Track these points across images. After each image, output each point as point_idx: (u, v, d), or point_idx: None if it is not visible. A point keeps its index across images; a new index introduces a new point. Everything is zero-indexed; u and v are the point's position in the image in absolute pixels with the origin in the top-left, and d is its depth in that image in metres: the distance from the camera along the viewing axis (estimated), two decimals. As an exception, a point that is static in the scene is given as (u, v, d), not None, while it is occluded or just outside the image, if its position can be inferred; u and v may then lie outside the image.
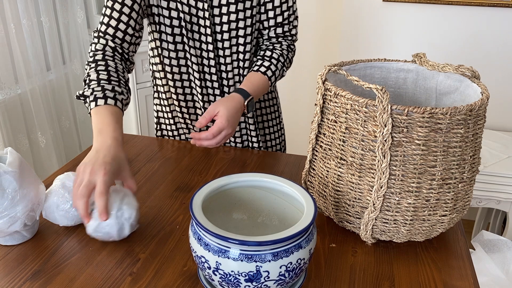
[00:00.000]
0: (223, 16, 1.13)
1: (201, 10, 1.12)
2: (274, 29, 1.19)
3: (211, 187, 0.80)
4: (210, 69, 1.19)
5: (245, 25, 1.16)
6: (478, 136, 0.84)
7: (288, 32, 1.21)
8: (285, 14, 1.18)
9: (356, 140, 0.83)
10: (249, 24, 1.16)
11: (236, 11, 1.13)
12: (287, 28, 1.20)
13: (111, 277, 0.80)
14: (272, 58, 1.17)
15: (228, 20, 1.14)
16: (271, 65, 1.16)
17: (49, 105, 2.35)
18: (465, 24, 2.19)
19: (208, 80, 1.21)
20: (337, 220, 0.93)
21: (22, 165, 0.84)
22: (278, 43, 1.20)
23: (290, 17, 1.19)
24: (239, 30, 1.16)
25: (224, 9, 1.12)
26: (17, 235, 0.88)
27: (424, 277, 0.82)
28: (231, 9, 1.13)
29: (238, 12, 1.13)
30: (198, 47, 1.17)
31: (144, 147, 1.28)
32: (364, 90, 1.00)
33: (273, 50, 1.18)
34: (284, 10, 1.17)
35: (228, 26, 1.14)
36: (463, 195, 0.85)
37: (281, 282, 0.71)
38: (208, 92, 1.23)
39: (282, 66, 1.19)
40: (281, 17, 1.18)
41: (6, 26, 2.06)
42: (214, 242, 0.69)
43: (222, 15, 1.13)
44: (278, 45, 1.20)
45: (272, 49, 1.19)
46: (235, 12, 1.13)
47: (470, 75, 0.91)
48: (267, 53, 1.18)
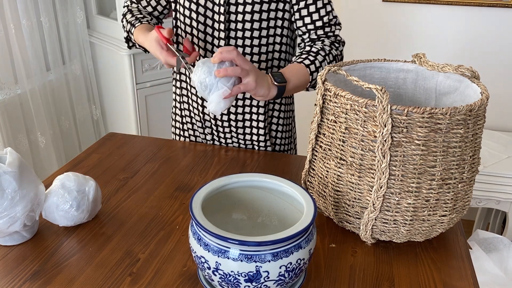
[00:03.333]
0: (239, 15, 1.13)
1: (217, 5, 1.13)
2: (315, 31, 1.18)
3: (211, 187, 0.80)
4: None
5: (260, 27, 1.15)
6: (478, 136, 0.84)
7: (331, 33, 1.19)
8: (324, 19, 1.16)
9: (356, 140, 0.83)
10: (265, 27, 1.15)
11: (251, 11, 1.13)
12: (328, 30, 1.18)
13: (111, 277, 0.80)
14: (310, 52, 1.14)
15: (243, 19, 1.14)
16: (311, 58, 1.12)
17: (48, 105, 2.35)
18: (465, 24, 2.19)
19: None
20: (337, 220, 0.93)
21: (22, 166, 0.84)
22: (320, 41, 1.18)
23: (331, 21, 1.17)
24: (253, 31, 1.15)
25: (240, 7, 1.13)
26: (16, 236, 0.88)
27: (423, 277, 0.82)
28: (247, 9, 1.13)
29: (254, 13, 1.13)
30: (210, 42, 1.18)
31: (144, 147, 1.28)
32: (364, 90, 1.00)
33: (312, 46, 1.16)
34: (323, 15, 1.16)
35: (242, 25, 1.14)
36: (463, 195, 0.85)
37: (281, 282, 0.71)
38: None
39: (324, 59, 1.15)
40: (321, 22, 1.16)
41: (6, 26, 2.06)
42: (213, 242, 0.69)
43: (238, 13, 1.13)
44: (320, 42, 1.18)
45: (312, 45, 1.16)
46: (251, 13, 1.13)
47: (470, 75, 0.91)
48: (306, 48, 1.16)
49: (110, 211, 0.99)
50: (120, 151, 1.25)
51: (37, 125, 2.26)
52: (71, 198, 0.89)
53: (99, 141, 1.31)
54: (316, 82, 1.15)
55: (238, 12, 1.13)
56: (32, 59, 2.19)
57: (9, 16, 2.04)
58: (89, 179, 0.94)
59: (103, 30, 2.51)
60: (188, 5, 1.16)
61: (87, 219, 0.93)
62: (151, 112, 2.53)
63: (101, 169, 1.16)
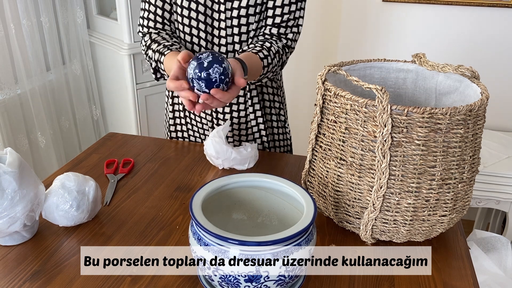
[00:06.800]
0: (241, 10, 1.13)
1: (217, 3, 1.13)
2: (270, 29, 1.17)
3: (211, 187, 0.80)
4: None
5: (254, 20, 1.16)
6: (478, 136, 0.84)
7: (283, 35, 1.18)
8: (284, 17, 1.16)
9: (356, 140, 0.83)
10: (257, 20, 1.16)
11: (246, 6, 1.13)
12: (283, 31, 1.17)
13: (111, 277, 0.80)
14: (270, 50, 1.13)
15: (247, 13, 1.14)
16: (268, 57, 1.12)
17: (48, 105, 2.35)
18: (465, 24, 2.19)
19: None
20: (337, 220, 0.93)
21: (22, 166, 0.84)
22: (274, 40, 1.17)
23: (289, 21, 1.17)
24: (249, 25, 1.16)
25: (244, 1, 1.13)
26: (16, 236, 0.88)
27: (423, 277, 0.82)
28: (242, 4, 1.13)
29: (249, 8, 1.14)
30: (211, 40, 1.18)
31: (144, 147, 1.28)
32: (363, 90, 1.00)
33: (271, 44, 1.15)
34: (284, 13, 1.16)
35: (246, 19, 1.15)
36: (463, 195, 0.85)
37: (281, 282, 0.71)
38: None
39: (276, 63, 1.16)
40: (280, 18, 1.16)
41: (6, 26, 2.06)
42: (213, 242, 0.69)
43: (241, 8, 1.13)
44: (275, 42, 1.17)
45: (270, 43, 1.15)
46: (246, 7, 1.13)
47: (470, 75, 0.91)
48: (266, 44, 1.14)
49: (110, 211, 0.99)
50: (120, 151, 1.25)
51: (37, 125, 2.26)
52: (71, 198, 0.89)
53: (99, 141, 1.31)
54: (261, 78, 1.15)
55: (241, 7, 1.13)
56: (32, 59, 2.19)
57: (9, 16, 2.04)
58: (89, 179, 0.94)
59: (103, 30, 2.51)
60: (187, 4, 1.15)
61: (87, 219, 0.93)
62: (151, 112, 2.53)
63: (101, 169, 1.16)
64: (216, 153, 1.13)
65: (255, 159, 1.18)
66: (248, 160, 1.16)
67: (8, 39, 2.07)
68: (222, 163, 1.14)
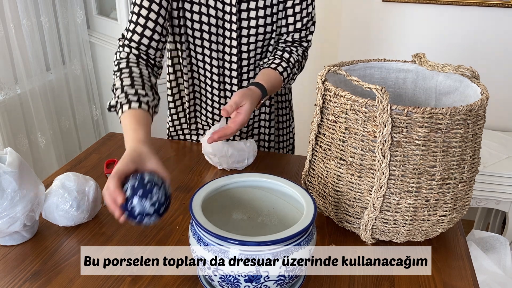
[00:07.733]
0: (251, 20, 1.12)
1: (228, 14, 1.11)
2: (292, 35, 1.18)
3: (211, 187, 0.80)
4: (231, 73, 1.18)
5: (271, 29, 1.15)
6: (478, 136, 0.84)
7: (304, 38, 1.20)
8: (304, 20, 1.17)
9: (356, 140, 0.83)
10: (275, 29, 1.15)
11: (264, 16, 1.12)
12: (304, 34, 1.19)
13: (111, 277, 0.80)
14: (289, 61, 1.15)
15: (257, 24, 1.13)
16: (288, 68, 1.14)
17: (48, 105, 2.35)
18: (465, 24, 2.19)
19: (227, 83, 1.20)
20: (337, 220, 0.93)
21: (22, 166, 0.84)
22: (294, 47, 1.19)
23: (308, 23, 1.18)
24: (266, 34, 1.15)
25: (252, 13, 1.12)
26: (16, 236, 0.88)
27: (423, 277, 0.82)
28: (259, 14, 1.12)
29: (266, 17, 1.13)
30: (221, 50, 1.16)
31: (144, 147, 1.28)
32: (363, 90, 1.00)
33: (291, 54, 1.16)
34: (303, 16, 1.16)
35: (256, 30, 1.14)
36: (463, 195, 0.85)
37: (281, 282, 0.71)
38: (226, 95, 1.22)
39: (296, 72, 1.18)
40: (300, 23, 1.17)
41: (6, 26, 2.06)
42: (213, 242, 0.69)
43: (250, 19, 1.12)
44: (295, 49, 1.18)
45: (290, 52, 1.17)
46: (263, 17, 1.12)
47: (470, 75, 0.91)
48: (285, 55, 1.15)
49: (110, 211, 0.99)
50: (120, 151, 1.25)
51: (37, 125, 2.26)
52: (71, 198, 0.89)
53: (99, 141, 1.31)
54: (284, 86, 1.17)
55: (250, 9, 1.12)
56: (32, 59, 2.19)
57: (9, 16, 2.04)
58: (89, 179, 0.94)
59: (103, 30, 2.51)
60: (198, 9, 1.11)
61: (87, 219, 0.93)
62: (151, 112, 2.53)
63: (101, 169, 1.16)
64: (213, 150, 1.13)
65: (254, 155, 1.17)
66: (246, 156, 1.15)
67: (8, 39, 2.07)
68: (220, 161, 1.14)
